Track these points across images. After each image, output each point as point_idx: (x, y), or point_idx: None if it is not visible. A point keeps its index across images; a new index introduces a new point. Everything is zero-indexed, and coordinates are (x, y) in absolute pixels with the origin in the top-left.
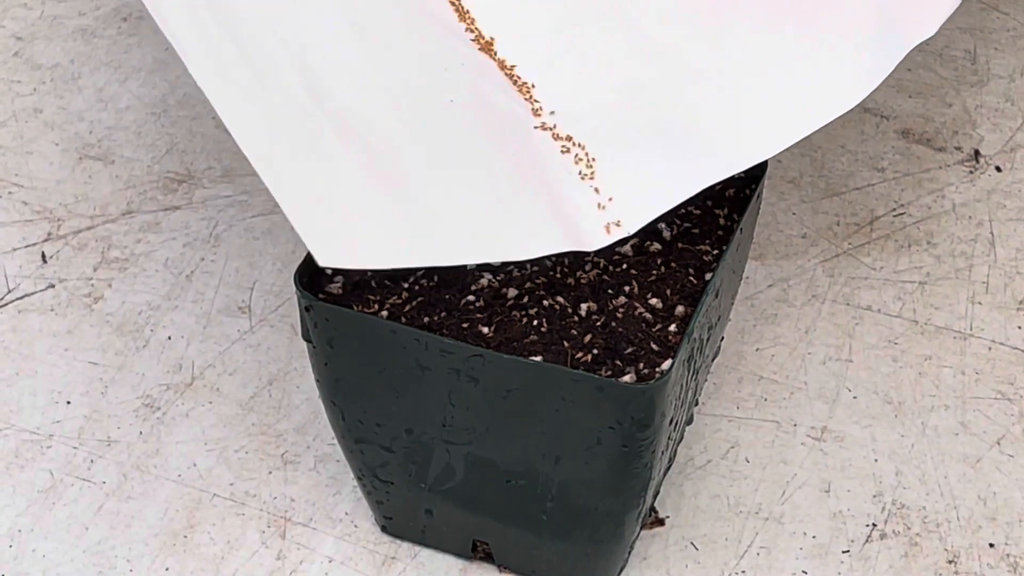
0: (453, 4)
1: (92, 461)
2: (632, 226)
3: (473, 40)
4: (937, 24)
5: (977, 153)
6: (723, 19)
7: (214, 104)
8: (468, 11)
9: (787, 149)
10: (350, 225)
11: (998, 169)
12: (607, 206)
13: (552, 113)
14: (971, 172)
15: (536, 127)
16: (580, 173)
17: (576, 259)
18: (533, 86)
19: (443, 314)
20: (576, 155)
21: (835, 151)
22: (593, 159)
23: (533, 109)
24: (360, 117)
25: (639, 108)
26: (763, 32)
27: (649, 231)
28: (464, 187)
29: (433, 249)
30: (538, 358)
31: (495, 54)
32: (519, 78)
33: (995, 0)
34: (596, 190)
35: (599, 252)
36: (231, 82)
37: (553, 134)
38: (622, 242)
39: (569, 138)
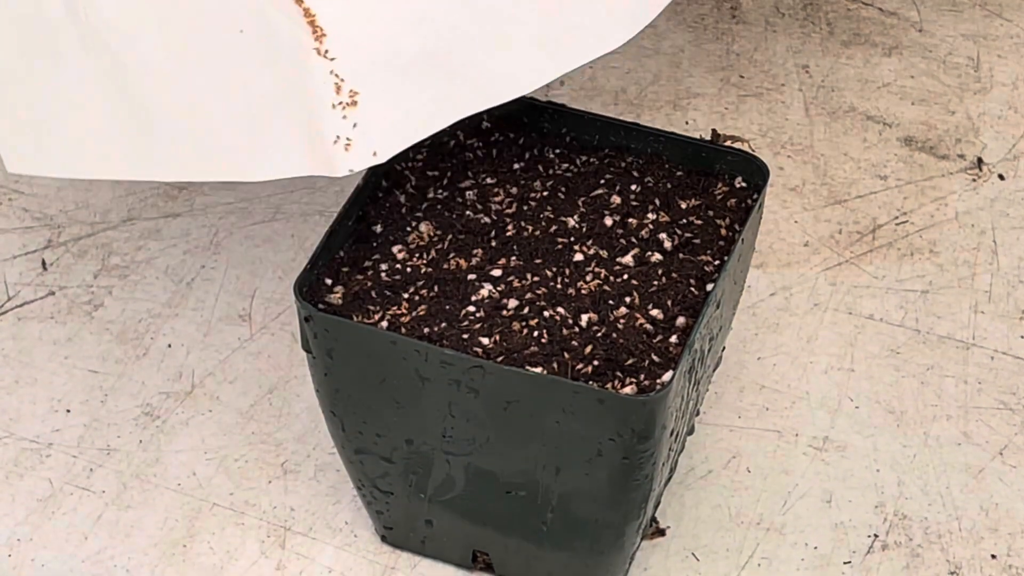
0: None
1: (91, 470)
2: (384, 154)
3: None
4: None
5: (980, 161)
6: None
7: None
8: None
9: (789, 158)
10: (66, 132)
11: (1001, 177)
12: (365, 132)
13: (329, 38)
14: (974, 180)
15: (314, 52)
16: (342, 102)
17: (577, 270)
18: (315, 14)
19: (443, 325)
20: (342, 82)
21: (837, 159)
22: (357, 89)
23: (314, 34)
24: (119, 31)
25: (419, 38)
26: None
27: (650, 241)
28: (213, 105)
29: (158, 163)
30: (538, 369)
31: None
32: (304, 4)
33: (999, 7)
34: (355, 115)
35: (597, 258)
36: None
37: (327, 60)
38: (623, 248)
39: (339, 62)
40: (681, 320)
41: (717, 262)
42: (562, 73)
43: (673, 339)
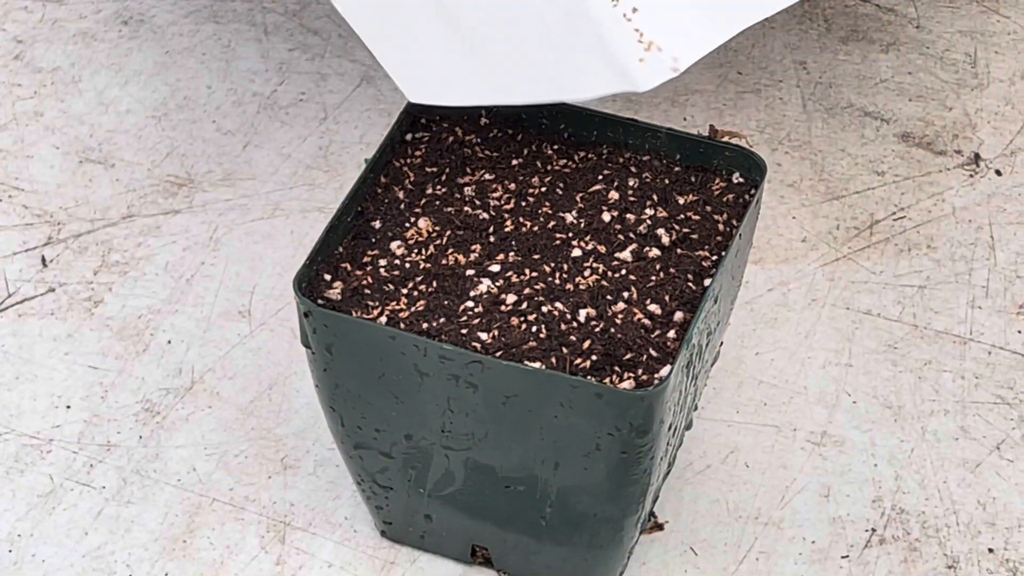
0: None
1: (92, 466)
2: (682, 64)
3: None
4: None
5: (977, 157)
6: None
7: None
8: None
9: (786, 154)
10: (430, 66)
11: (998, 173)
12: (656, 47)
13: None
14: (971, 176)
15: None
16: (626, 16)
17: (575, 265)
18: None
19: (442, 320)
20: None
21: (835, 155)
22: (637, 5)
23: None
24: None
25: None
26: None
27: (647, 237)
28: (522, 33)
29: (500, 89)
30: (537, 364)
31: None
32: None
33: (996, 3)
34: (641, 33)
35: (596, 254)
36: None
37: None
38: (620, 244)
39: None
40: (679, 315)
41: (715, 257)
42: None
43: (671, 334)
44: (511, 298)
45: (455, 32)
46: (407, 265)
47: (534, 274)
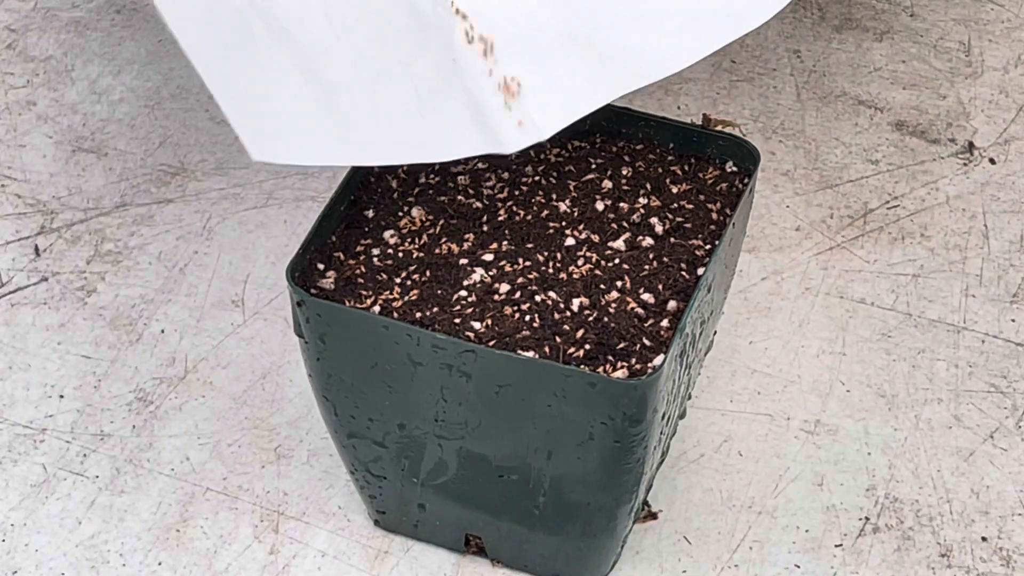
0: None
1: (85, 455)
2: (547, 130)
3: None
4: None
5: (971, 145)
6: None
7: (161, 11)
8: None
9: (780, 142)
10: (281, 121)
11: (992, 161)
12: (524, 111)
13: (474, 17)
14: (965, 164)
15: (459, 30)
16: (497, 79)
17: (568, 254)
18: None
19: (435, 309)
20: (495, 60)
21: (829, 143)
22: (511, 69)
23: (457, 12)
24: (291, 15)
25: (560, 16)
26: None
27: (641, 225)
28: (388, 88)
29: (359, 148)
30: (530, 353)
31: None
32: None
33: None
34: (511, 94)
35: (589, 243)
36: None
37: (475, 37)
38: (615, 233)
39: (489, 42)
40: (672, 304)
41: (708, 246)
42: (707, 54)
43: (664, 323)
44: (504, 287)
45: (315, 83)
46: (400, 254)
47: (527, 263)
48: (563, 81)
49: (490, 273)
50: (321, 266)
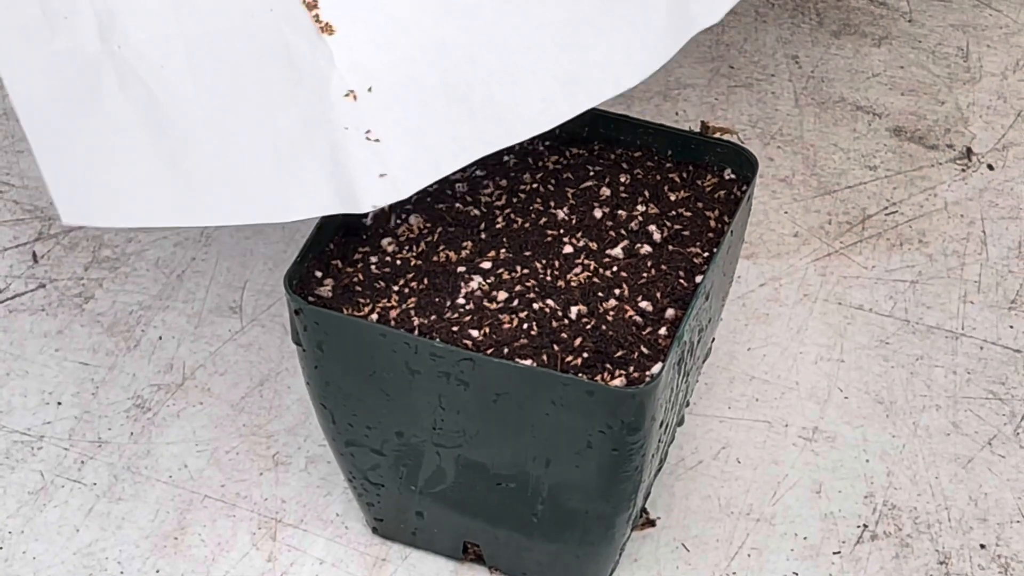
0: None
1: (83, 462)
2: (407, 189)
3: None
4: (722, 13)
5: (969, 151)
6: None
7: None
8: None
9: (778, 148)
10: (109, 179)
11: (990, 167)
12: (388, 167)
13: (352, 66)
14: (963, 170)
15: (334, 79)
16: (366, 132)
17: (566, 262)
18: (335, 34)
19: (433, 317)
20: (366, 112)
21: (827, 149)
22: (378, 123)
23: (334, 59)
24: (150, 62)
25: (438, 68)
26: (563, 5)
27: (639, 233)
28: (243, 144)
29: (197, 209)
30: (528, 362)
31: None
32: (327, 26)
33: None
34: (377, 150)
35: (587, 250)
36: (15, 24)
37: (349, 88)
38: (612, 241)
39: (360, 94)
40: (670, 312)
41: (706, 254)
42: (577, 113)
43: (662, 331)
44: (502, 295)
45: (160, 139)
46: (398, 262)
47: (525, 271)
48: (431, 137)
49: (488, 281)
50: (319, 274)
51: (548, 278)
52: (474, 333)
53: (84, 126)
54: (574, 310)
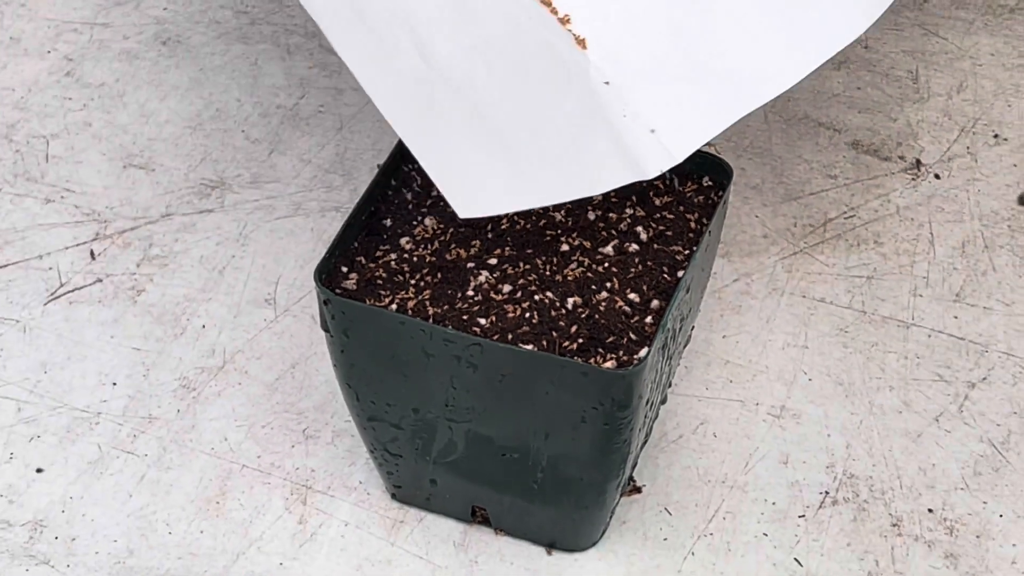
0: None
1: (135, 436)
2: (680, 154)
3: None
4: None
5: (919, 162)
6: None
7: (364, 85)
8: None
9: (750, 160)
10: (471, 177)
11: (937, 176)
12: (656, 138)
13: (603, 59)
14: (913, 179)
15: (592, 70)
16: (630, 111)
17: (563, 259)
18: (584, 39)
19: (445, 307)
20: (626, 95)
21: (793, 160)
22: (639, 97)
23: (587, 55)
24: (462, 73)
25: (677, 48)
26: None
27: (627, 233)
28: (545, 132)
29: (532, 191)
30: (530, 347)
31: (553, 9)
32: (573, 30)
33: (935, 27)
34: (646, 124)
35: (581, 248)
36: (368, 58)
37: (606, 79)
38: (603, 240)
39: (619, 80)
40: (655, 303)
41: (687, 252)
42: (809, 71)
43: (648, 320)
44: (507, 288)
45: (489, 133)
46: (415, 259)
47: (527, 266)
48: (687, 110)
49: (494, 275)
50: (345, 269)
51: (547, 273)
52: (482, 321)
53: (437, 132)
54: (570, 301)
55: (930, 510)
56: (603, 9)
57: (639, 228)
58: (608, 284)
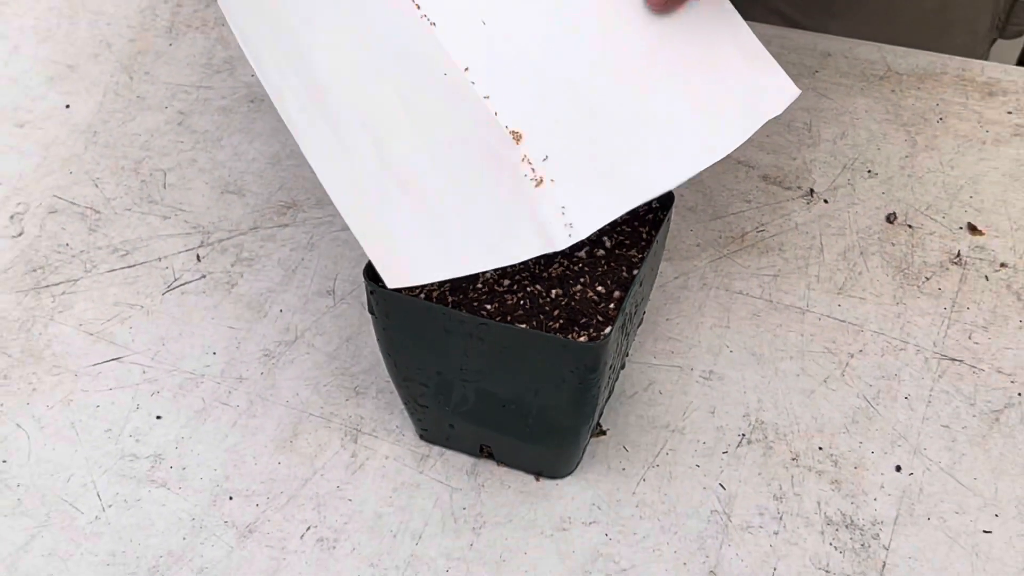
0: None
1: (230, 392)
2: (584, 231)
3: (480, 102)
4: (783, 106)
5: (812, 191)
6: (641, 78)
7: (315, 169)
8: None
9: (685, 187)
10: (406, 253)
11: (825, 201)
12: (565, 217)
13: (533, 160)
14: (808, 203)
15: (521, 168)
16: (547, 190)
17: (547, 260)
18: (518, 133)
19: (460, 296)
20: (545, 177)
21: (718, 189)
22: (552, 179)
23: (513, 135)
24: (411, 168)
25: (589, 154)
26: (672, 93)
27: (596, 242)
28: (475, 214)
29: (458, 262)
30: (523, 326)
31: (493, 113)
32: (507, 127)
33: (825, 91)
34: (558, 205)
35: (562, 253)
36: (327, 153)
37: (528, 160)
38: (578, 246)
39: (540, 176)
40: (617, 294)
41: (640, 256)
42: (689, 176)
43: (611, 306)
44: (506, 282)
45: (428, 218)
46: None
47: (521, 266)
48: (593, 198)
49: (496, 272)
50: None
51: (536, 271)
52: (488, 307)
53: (381, 216)
54: (553, 292)
55: (820, 448)
56: (534, 105)
57: (605, 238)
58: (582, 279)
